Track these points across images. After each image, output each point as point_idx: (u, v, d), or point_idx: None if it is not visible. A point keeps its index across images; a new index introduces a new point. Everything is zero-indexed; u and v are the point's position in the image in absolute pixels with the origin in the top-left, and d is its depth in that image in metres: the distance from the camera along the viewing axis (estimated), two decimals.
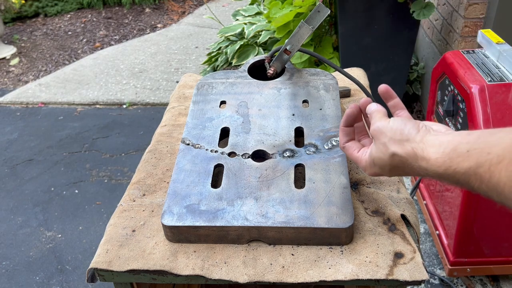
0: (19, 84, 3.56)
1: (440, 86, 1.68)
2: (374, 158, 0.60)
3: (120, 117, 3.01)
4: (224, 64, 2.78)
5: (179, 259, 0.68)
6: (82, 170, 2.50)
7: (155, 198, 0.81)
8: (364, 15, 2.20)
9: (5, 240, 2.07)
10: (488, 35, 1.54)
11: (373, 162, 0.61)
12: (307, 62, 2.26)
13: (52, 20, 4.64)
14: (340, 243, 0.69)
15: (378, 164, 0.60)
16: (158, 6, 4.82)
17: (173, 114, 1.05)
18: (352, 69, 1.18)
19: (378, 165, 0.60)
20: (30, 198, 2.32)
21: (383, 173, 0.60)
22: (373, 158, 0.60)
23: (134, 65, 3.66)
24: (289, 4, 2.25)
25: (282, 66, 0.94)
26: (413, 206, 0.77)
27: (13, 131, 2.93)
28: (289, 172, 0.75)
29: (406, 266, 0.65)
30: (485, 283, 1.67)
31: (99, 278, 0.70)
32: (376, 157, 0.59)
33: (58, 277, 1.87)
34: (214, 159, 0.79)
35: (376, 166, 0.60)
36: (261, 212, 0.70)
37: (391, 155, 0.56)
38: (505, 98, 1.36)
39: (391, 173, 0.59)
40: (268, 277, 0.65)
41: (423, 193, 1.92)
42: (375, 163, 0.60)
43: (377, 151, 0.59)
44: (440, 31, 2.37)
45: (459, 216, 1.50)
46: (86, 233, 2.08)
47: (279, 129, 0.83)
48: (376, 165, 0.60)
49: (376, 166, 0.60)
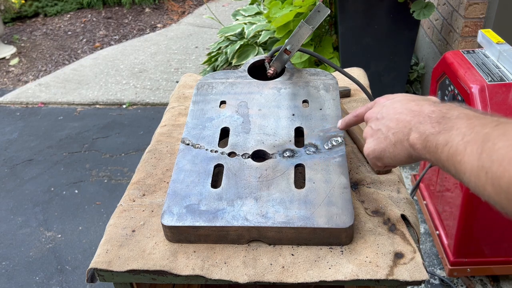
0: (19, 84, 3.56)
1: (440, 86, 1.68)
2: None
3: (120, 117, 3.01)
4: (224, 64, 2.78)
5: (179, 259, 0.68)
6: (82, 170, 2.50)
7: (155, 198, 0.81)
8: (364, 15, 2.20)
9: (5, 240, 2.07)
10: (488, 35, 1.53)
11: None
12: (307, 62, 2.26)
13: (52, 20, 4.64)
14: (340, 243, 0.69)
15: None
16: (158, 6, 4.82)
17: (173, 114, 1.05)
18: (352, 69, 1.18)
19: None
20: (30, 198, 2.32)
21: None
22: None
23: (134, 65, 3.66)
24: (289, 4, 2.25)
25: (282, 66, 0.94)
26: (413, 206, 0.77)
27: (13, 131, 2.92)
28: (289, 172, 0.75)
29: (406, 266, 0.65)
30: (485, 283, 1.67)
31: (99, 278, 0.69)
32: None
33: (58, 277, 1.87)
34: (214, 159, 0.79)
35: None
36: (261, 212, 0.70)
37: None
38: (505, 98, 1.36)
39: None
40: (268, 277, 0.65)
41: (423, 193, 1.92)
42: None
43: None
44: (440, 31, 2.37)
45: (459, 216, 1.50)
46: (86, 233, 2.08)
47: (279, 129, 0.83)
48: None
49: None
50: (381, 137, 0.62)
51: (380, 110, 0.64)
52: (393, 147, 0.60)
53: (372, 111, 0.67)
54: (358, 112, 0.72)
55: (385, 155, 0.62)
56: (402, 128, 0.58)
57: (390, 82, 2.40)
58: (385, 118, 0.62)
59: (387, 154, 0.62)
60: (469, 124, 0.49)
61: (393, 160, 0.61)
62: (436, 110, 0.55)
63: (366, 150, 0.65)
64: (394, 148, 0.60)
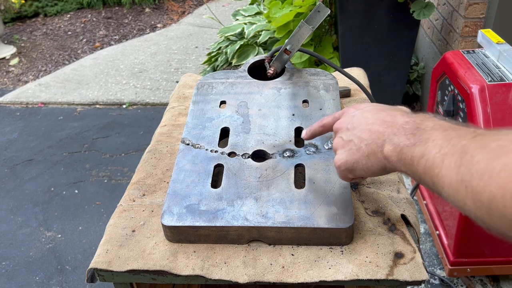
0: (19, 84, 3.56)
1: (440, 86, 1.68)
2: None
3: (120, 117, 3.01)
4: (224, 64, 2.78)
5: (179, 259, 0.68)
6: (82, 170, 2.50)
7: (155, 198, 0.81)
8: (364, 15, 2.20)
9: (5, 240, 2.07)
10: (488, 35, 1.53)
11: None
12: (307, 62, 2.26)
13: (52, 20, 4.64)
14: (340, 243, 0.69)
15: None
16: (158, 6, 4.82)
17: (173, 114, 1.05)
18: (352, 69, 1.18)
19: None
20: (30, 198, 2.32)
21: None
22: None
23: (134, 65, 3.66)
24: (289, 4, 2.25)
25: (282, 66, 0.94)
26: (413, 206, 0.77)
27: (13, 131, 2.93)
28: (289, 172, 0.75)
29: (406, 266, 0.65)
30: (485, 283, 1.67)
31: (99, 278, 0.69)
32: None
33: (58, 277, 1.87)
34: (214, 159, 0.79)
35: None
36: (261, 212, 0.70)
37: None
38: (505, 98, 1.36)
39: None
40: (268, 277, 0.65)
41: (423, 193, 1.92)
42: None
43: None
44: (440, 31, 2.37)
45: (459, 216, 1.50)
46: (86, 233, 2.08)
47: (279, 129, 0.83)
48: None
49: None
50: (353, 148, 0.60)
51: (350, 120, 0.63)
52: (366, 158, 0.58)
53: (342, 121, 0.64)
54: (324, 121, 0.70)
55: (358, 167, 0.60)
56: (376, 139, 0.57)
57: (390, 82, 2.40)
58: (356, 128, 0.61)
59: (359, 166, 0.60)
60: (445, 136, 0.48)
61: (366, 172, 0.60)
62: (410, 121, 0.54)
63: (338, 162, 0.63)
64: (367, 160, 0.58)
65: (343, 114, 0.66)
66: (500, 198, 0.39)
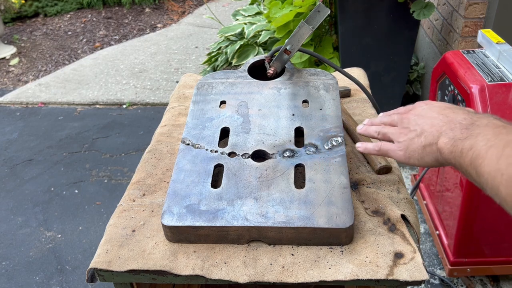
0: (19, 84, 3.56)
1: (440, 86, 1.68)
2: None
3: (120, 117, 3.01)
4: (224, 64, 2.78)
5: (179, 259, 0.68)
6: (82, 170, 2.50)
7: (155, 198, 0.81)
8: (364, 15, 2.20)
9: (5, 240, 2.07)
10: (488, 35, 1.53)
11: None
12: (307, 62, 2.26)
13: (52, 20, 4.64)
14: (340, 243, 0.69)
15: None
16: (158, 6, 4.82)
17: (173, 114, 1.05)
18: (352, 69, 1.18)
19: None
20: (30, 198, 2.32)
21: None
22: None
23: (134, 65, 3.66)
24: (289, 4, 2.25)
25: (282, 66, 0.94)
26: (413, 206, 0.77)
27: (13, 131, 2.93)
28: (289, 172, 0.75)
29: (406, 266, 0.65)
30: (485, 283, 1.67)
31: (99, 278, 0.69)
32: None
33: (58, 277, 1.87)
34: (214, 159, 0.79)
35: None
36: (261, 212, 0.70)
37: None
38: (505, 98, 1.36)
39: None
40: (268, 277, 0.65)
41: (423, 193, 1.92)
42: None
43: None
44: (440, 31, 2.37)
45: (459, 216, 1.50)
46: (86, 233, 2.08)
47: (279, 129, 0.83)
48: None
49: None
50: (414, 138, 0.64)
51: (419, 112, 0.67)
52: (422, 149, 0.62)
53: (413, 113, 0.68)
54: (399, 110, 0.73)
55: (414, 155, 0.64)
56: (434, 132, 0.61)
57: (390, 82, 2.40)
58: (421, 119, 0.65)
59: (415, 155, 0.64)
60: (495, 132, 0.52)
61: (420, 161, 0.64)
62: (467, 117, 0.58)
63: (397, 148, 0.66)
64: (423, 150, 0.62)
65: (413, 108, 0.69)
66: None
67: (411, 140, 0.65)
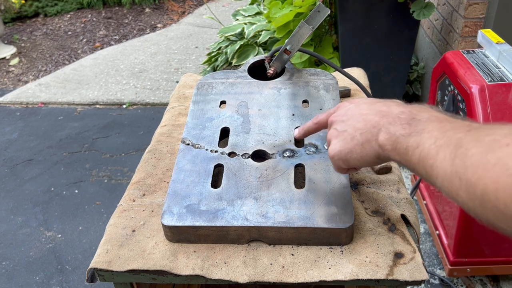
0: (19, 84, 3.56)
1: (440, 86, 1.68)
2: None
3: (120, 117, 3.01)
4: (224, 64, 2.78)
5: (179, 259, 0.68)
6: (82, 170, 2.50)
7: (155, 198, 0.81)
8: (364, 15, 2.20)
9: (5, 240, 2.07)
10: (488, 35, 1.54)
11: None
12: (307, 62, 2.26)
13: (52, 20, 4.64)
14: (340, 243, 0.69)
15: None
16: (158, 6, 4.82)
17: (173, 114, 1.05)
18: (352, 69, 1.18)
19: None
20: (30, 198, 2.32)
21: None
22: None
23: (134, 65, 3.66)
24: (289, 4, 2.25)
25: (282, 66, 0.94)
26: (413, 206, 0.77)
27: (13, 131, 2.93)
28: (289, 172, 0.75)
29: (406, 266, 0.65)
30: (485, 283, 1.67)
31: (99, 278, 0.69)
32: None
33: (58, 277, 1.87)
34: (214, 159, 0.79)
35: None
36: (261, 212, 0.70)
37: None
38: (505, 98, 1.36)
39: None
40: (268, 277, 0.65)
41: (423, 193, 1.92)
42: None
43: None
44: (440, 31, 2.37)
45: (459, 216, 1.50)
46: (86, 233, 2.08)
47: (279, 129, 0.83)
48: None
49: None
50: (347, 138, 0.61)
51: (345, 112, 0.63)
52: (360, 147, 0.59)
53: (336, 114, 0.65)
54: (319, 118, 0.70)
55: (352, 156, 0.61)
56: (371, 128, 0.57)
57: (390, 82, 2.40)
58: (351, 119, 0.61)
59: (354, 155, 0.60)
60: (440, 128, 0.49)
61: (360, 161, 0.60)
62: (405, 111, 0.55)
63: (331, 152, 0.64)
64: (362, 149, 0.59)
65: (337, 109, 0.67)
66: (493, 191, 0.40)
67: (345, 140, 0.61)
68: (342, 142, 0.62)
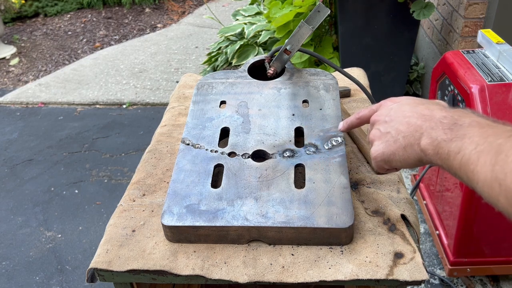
0: (19, 84, 3.56)
1: (440, 86, 1.68)
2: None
3: (120, 117, 3.01)
4: (224, 64, 2.78)
5: (179, 259, 0.68)
6: (82, 170, 2.50)
7: (155, 198, 0.81)
8: (364, 15, 2.20)
9: (5, 240, 2.07)
10: (488, 35, 1.54)
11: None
12: (307, 62, 2.26)
13: (52, 20, 4.64)
14: (340, 243, 0.69)
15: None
16: (158, 6, 4.82)
17: (173, 114, 1.05)
18: (352, 69, 1.18)
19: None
20: (30, 198, 2.32)
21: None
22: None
23: (134, 65, 3.66)
24: (289, 4, 2.25)
25: (282, 66, 0.94)
26: (413, 206, 0.77)
27: (13, 131, 2.93)
28: (289, 172, 0.75)
29: (406, 266, 0.65)
30: (485, 283, 1.67)
31: (99, 278, 0.69)
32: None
33: (58, 277, 1.87)
34: (214, 159, 0.79)
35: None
36: (261, 212, 0.70)
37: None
38: (505, 98, 1.36)
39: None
40: (268, 277, 0.65)
41: (423, 193, 1.92)
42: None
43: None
44: (440, 31, 2.37)
45: (459, 216, 1.50)
46: (86, 233, 2.08)
47: (279, 129, 0.83)
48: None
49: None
50: (390, 140, 0.62)
51: (388, 112, 0.64)
52: (403, 150, 0.60)
53: (380, 113, 0.66)
54: (361, 114, 0.72)
55: (395, 158, 0.61)
56: (413, 132, 0.58)
57: (390, 82, 2.40)
58: (394, 121, 0.62)
59: (396, 158, 0.61)
60: (482, 133, 0.50)
61: (402, 163, 0.61)
62: (447, 115, 0.55)
63: (374, 153, 0.64)
64: (404, 152, 0.59)
65: (380, 107, 0.67)
66: None
67: (388, 142, 0.62)
68: (385, 144, 0.62)
